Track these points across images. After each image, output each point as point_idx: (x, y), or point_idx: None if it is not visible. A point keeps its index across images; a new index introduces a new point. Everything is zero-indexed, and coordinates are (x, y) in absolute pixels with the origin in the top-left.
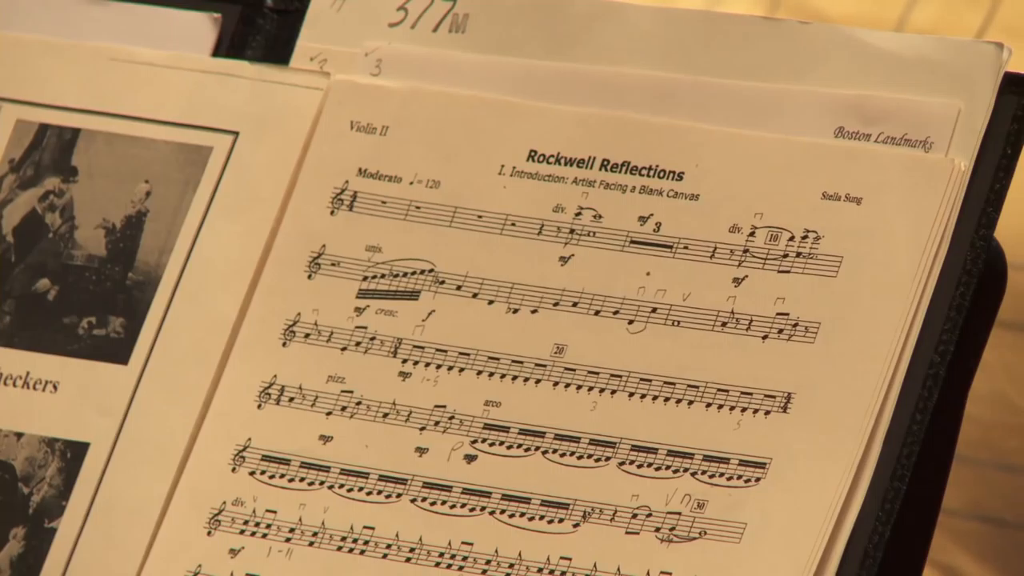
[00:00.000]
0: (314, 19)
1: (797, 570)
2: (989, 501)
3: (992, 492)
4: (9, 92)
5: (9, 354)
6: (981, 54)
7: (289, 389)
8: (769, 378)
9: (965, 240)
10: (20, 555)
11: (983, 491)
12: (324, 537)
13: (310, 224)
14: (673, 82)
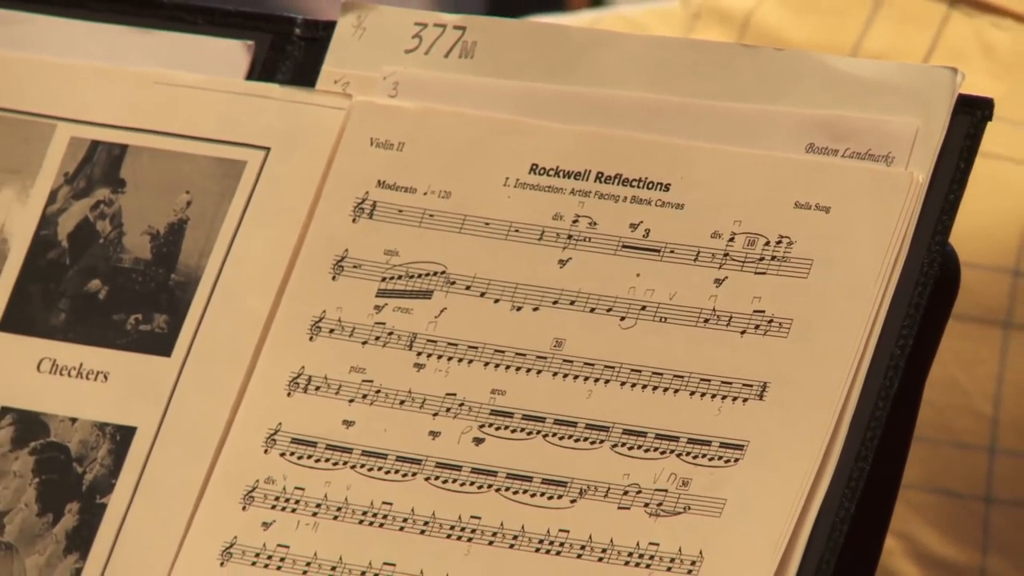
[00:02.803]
0: (337, 46)
1: (772, 541)
2: (943, 475)
3: (946, 467)
4: (64, 112)
5: (64, 347)
6: (937, 78)
7: (315, 379)
8: (747, 369)
9: (923, 245)
10: (75, 527)
11: (938, 466)
12: (347, 512)
13: (334, 230)
14: (661, 103)
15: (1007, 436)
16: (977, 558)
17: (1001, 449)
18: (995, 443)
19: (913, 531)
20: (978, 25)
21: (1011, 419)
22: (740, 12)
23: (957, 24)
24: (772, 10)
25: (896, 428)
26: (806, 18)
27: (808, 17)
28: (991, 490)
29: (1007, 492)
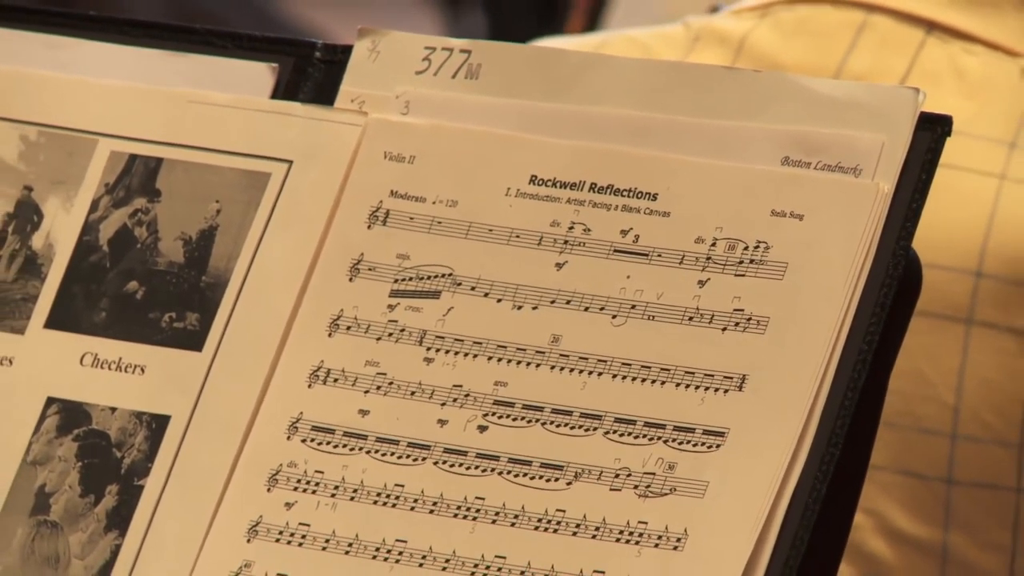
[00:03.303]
0: (354, 68)
1: (751, 519)
2: (909, 458)
3: (911, 451)
4: (105, 128)
5: (105, 343)
6: (901, 97)
7: (334, 372)
8: (727, 363)
9: (888, 250)
10: (114, 507)
11: (904, 450)
12: (363, 493)
13: (351, 236)
14: (649, 120)
15: (967, 424)
16: (939, 534)
17: (962, 435)
18: (956, 430)
19: (881, 509)
20: (951, 51)
21: (971, 408)
22: (736, 35)
23: (932, 49)
24: (765, 33)
25: (864, 416)
26: (795, 41)
27: (797, 40)
28: (952, 472)
29: (967, 474)
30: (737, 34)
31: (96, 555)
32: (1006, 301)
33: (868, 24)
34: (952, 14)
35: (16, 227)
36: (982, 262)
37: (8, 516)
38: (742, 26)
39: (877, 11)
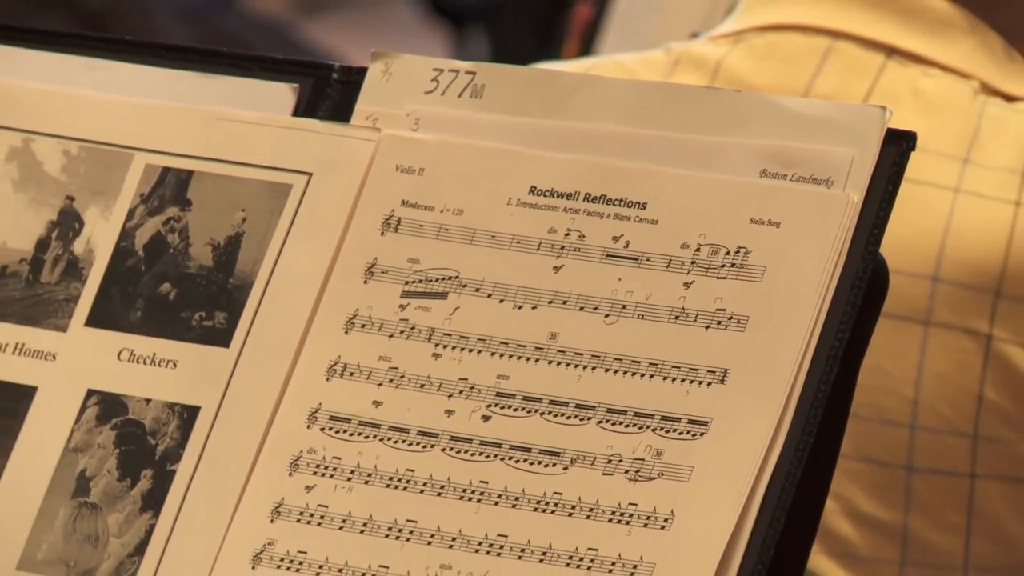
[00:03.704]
0: (368, 88)
1: (732, 501)
2: (872, 447)
3: (874, 440)
4: (140, 143)
5: (141, 340)
6: (870, 115)
7: (350, 366)
8: (711, 358)
9: (858, 255)
10: (149, 490)
11: (868, 439)
12: (376, 477)
13: (365, 242)
14: (638, 135)
15: (925, 415)
16: (900, 517)
17: (920, 426)
18: (915, 421)
19: (847, 494)
20: (910, 73)
21: (929, 401)
22: (712, 59)
23: (892, 72)
24: (738, 58)
25: (835, 407)
26: (766, 64)
27: (768, 64)
28: (912, 460)
29: (925, 462)
30: (713, 59)
31: (132, 534)
32: (961, 304)
33: (833, 49)
34: (910, 40)
35: (59, 234)
36: (939, 268)
37: (51, 498)
38: (718, 51)
39: (842, 37)
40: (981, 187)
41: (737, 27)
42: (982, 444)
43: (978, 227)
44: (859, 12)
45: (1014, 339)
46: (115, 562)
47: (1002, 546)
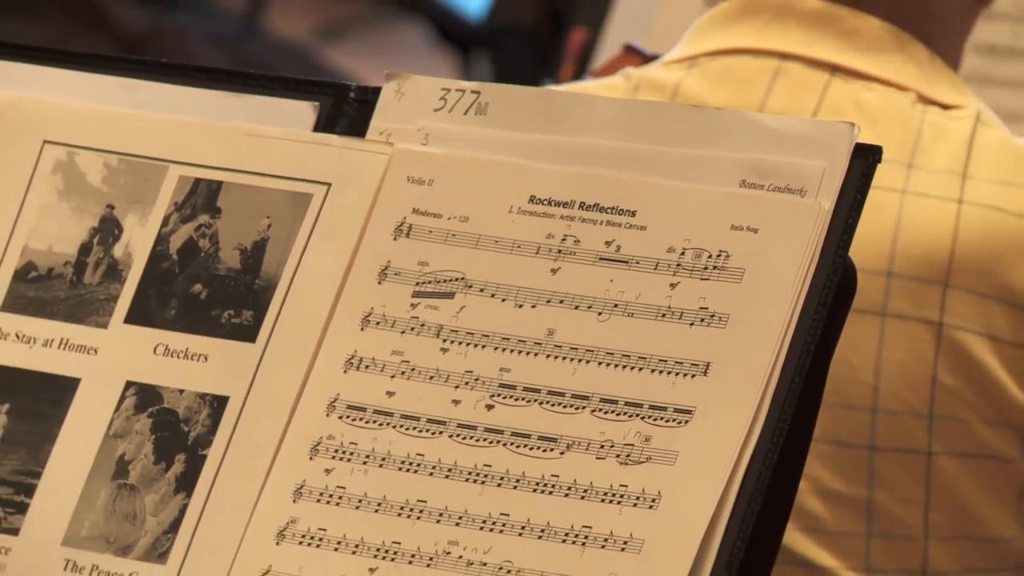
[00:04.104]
0: (382, 106)
1: (714, 482)
2: (837, 430)
3: (839, 424)
4: (174, 156)
5: (174, 336)
6: (839, 131)
7: (365, 360)
8: (695, 352)
9: (829, 258)
10: (182, 473)
11: (833, 423)
12: (389, 461)
13: (379, 246)
14: (628, 149)
15: (885, 399)
16: (864, 493)
17: (881, 410)
18: (876, 405)
19: (815, 473)
20: (853, 88)
21: (887, 387)
22: (670, 84)
23: (837, 88)
24: (694, 82)
25: (808, 397)
26: (720, 87)
27: (722, 85)
28: (874, 441)
29: (886, 442)
30: (671, 83)
31: (167, 513)
32: (914, 295)
33: (782, 70)
34: (850, 58)
35: (100, 239)
36: (892, 263)
37: (93, 480)
38: (673, 76)
39: (788, 58)
40: (926, 188)
41: (690, 52)
42: (938, 423)
43: (925, 224)
44: (801, 35)
45: (963, 325)
46: (151, 539)
47: (959, 516)
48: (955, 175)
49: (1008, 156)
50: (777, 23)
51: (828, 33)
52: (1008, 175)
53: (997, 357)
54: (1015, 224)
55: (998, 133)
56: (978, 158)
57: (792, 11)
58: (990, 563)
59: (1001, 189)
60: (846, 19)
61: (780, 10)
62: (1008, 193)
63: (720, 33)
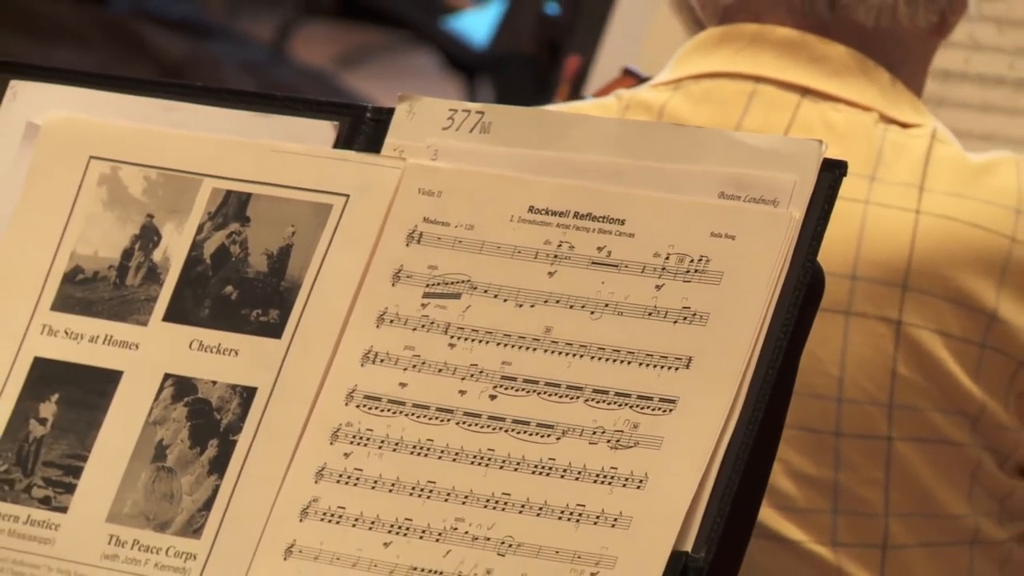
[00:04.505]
0: (396, 125)
1: (695, 465)
2: (806, 417)
3: (808, 412)
4: (208, 170)
5: (208, 332)
6: (809, 147)
7: (380, 354)
8: (678, 347)
9: (799, 262)
10: (215, 456)
11: (802, 411)
12: (402, 446)
13: (393, 252)
14: (618, 164)
15: (849, 390)
16: (831, 474)
17: (845, 399)
18: (841, 394)
19: (786, 456)
20: (821, 109)
21: (851, 379)
22: (656, 104)
23: (807, 109)
24: (679, 102)
25: (780, 388)
26: (702, 107)
27: (704, 106)
28: (839, 427)
29: (850, 428)
30: (657, 103)
31: (201, 492)
32: (876, 297)
33: (757, 92)
34: (818, 82)
35: (141, 245)
36: (856, 267)
37: (134, 463)
38: (660, 97)
39: (763, 81)
40: (887, 199)
41: (675, 76)
42: (896, 412)
43: (886, 232)
44: (774, 60)
45: (919, 324)
46: (187, 516)
47: (915, 495)
48: (913, 187)
49: (960, 170)
50: (752, 50)
51: (799, 59)
52: (960, 188)
53: (949, 352)
54: (966, 232)
55: (952, 150)
56: (934, 172)
57: (766, 39)
58: (944, 537)
59: (954, 200)
60: (815, 46)
61: (755, 38)
62: (960, 204)
63: (702, 58)
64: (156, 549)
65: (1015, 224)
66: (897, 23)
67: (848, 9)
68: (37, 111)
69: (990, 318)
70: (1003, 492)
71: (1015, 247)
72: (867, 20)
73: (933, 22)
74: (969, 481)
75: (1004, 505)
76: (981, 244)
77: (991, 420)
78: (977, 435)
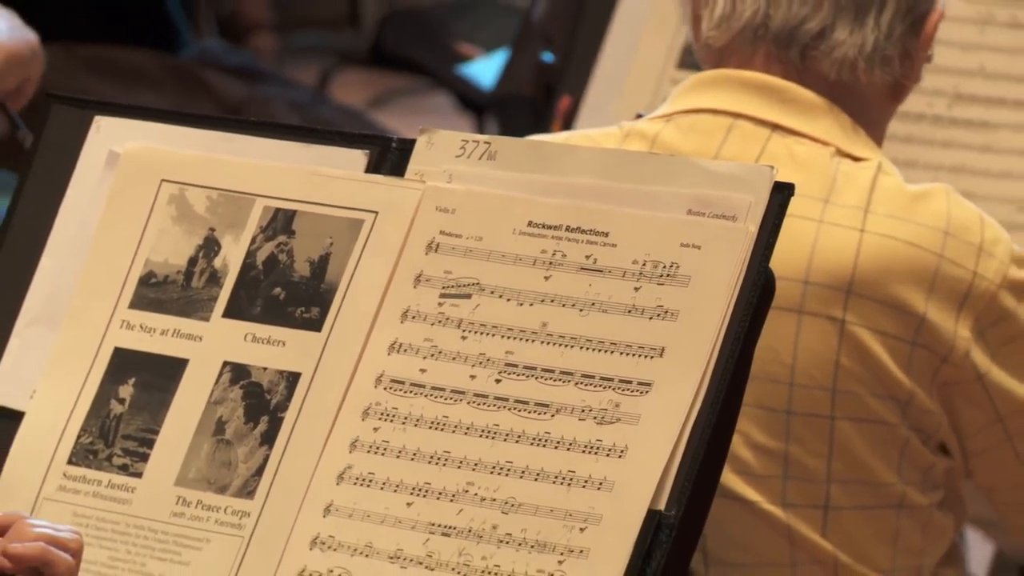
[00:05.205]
0: (417, 153)
1: (668, 438)
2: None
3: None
4: (260, 191)
5: (260, 327)
6: (762, 172)
7: (404, 345)
8: (653, 339)
9: (755, 268)
10: (265, 431)
11: (760, 393)
12: (422, 422)
13: (415, 260)
14: (603, 186)
15: (799, 376)
16: (782, 446)
17: (796, 383)
18: (793, 380)
19: (746, 430)
20: (787, 142)
21: (802, 367)
22: (651, 133)
23: (775, 141)
24: (670, 132)
25: (739, 373)
26: (689, 136)
27: (690, 135)
28: (791, 407)
29: (799, 408)
30: (652, 132)
31: (254, 461)
32: (824, 299)
33: (735, 126)
34: (787, 119)
35: (204, 254)
36: (808, 274)
37: (198, 436)
38: (654, 128)
39: (740, 117)
40: (837, 219)
41: (667, 111)
42: (839, 396)
43: (835, 246)
44: (749, 100)
45: (860, 323)
46: (242, 480)
47: (853, 465)
48: (859, 210)
49: (899, 197)
50: (734, 91)
51: (772, 100)
52: (898, 211)
53: (884, 348)
54: (903, 249)
55: (894, 180)
56: (877, 198)
57: (745, 83)
58: (876, 501)
59: (893, 222)
60: (787, 90)
61: (736, 81)
62: (898, 225)
63: (692, 97)
64: (216, 508)
65: (943, 244)
66: (856, 78)
67: (816, 61)
68: (117, 141)
69: (920, 321)
70: (926, 465)
71: (943, 263)
72: (831, 72)
73: (888, 83)
74: (898, 455)
75: (927, 476)
76: (915, 260)
77: (918, 405)
78: (906, 417)
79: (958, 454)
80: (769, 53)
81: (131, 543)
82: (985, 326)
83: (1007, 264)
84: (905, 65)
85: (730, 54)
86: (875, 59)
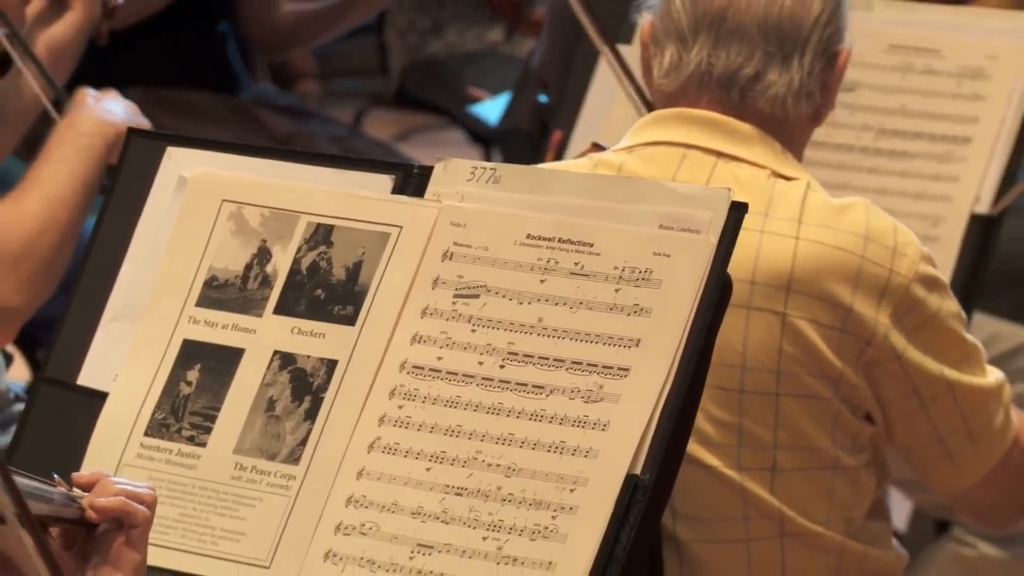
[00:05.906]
0: (435, 178)
1: (643, 415)
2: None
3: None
4: (305, 209)
5: (304, 322)
6: (721, 194)
7: (424, 336)
8: (631, 332)
9: (716, 273)
10: (308, 408)
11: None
12: (439, 401)
13: (433, 266)
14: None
15: (750, 361)
16: (737, 420)
17: (747, 367)
18: (744, 364)
19: (706, 407)
20: (731, 167)
21: (751, 353)
22: (617, 162)
23: (721, 167)
24: (633, 162)
25: (702, 360)
26: (649, 165)
27: (650, 164)
28: (743, 386)
29: (751, 387)
30: (617, 162)
31: (298, 433)
32: (768, 296)
33: (687, 155)
34: (729, 148)
35: (258, 262)
36: (754, 275)
37: (253, 413)
38: (619, 158)
39: (691, 148)
40: (776, 229)
41: (629, 144)
42: (782, 376)
43: (775, 252)
44: (699, 133)
45: (798, 315)
46: (289, 449)
47: (795, 434)
48: (794, 221)
49: (826, 210)
50: (684, 126)
51: (716, 132)
52: (826, 221)
53: (819, 335)
54: (830, 252)
55: (820, 196)
56: (807, 211)
57: (693, 119)
58: (814, 464)
59: (822, 230)
60: (728, 124)
61: (686, 118)
62: (826, 233)
63: (649, 132)
64: (268, 472)
65: (864, 247)
66: (786, 112)
67: (753, 99)
68: (185, 168)
69: (847, 312)
70: (855, 432)
71: (864, 263)
72: (765, 107)
73: (811, 113)
74: (832, 424)
75: (855, 441)
76: (842, 261)
77: (847, 382)
78: (838, 392)
79: (881, 421)
80: (713, 95)
81: (196, 501)
82: (901, 314)
83: (917, 262)
84: (824, 95)
85: (680, 96)
86: (801, 94)
